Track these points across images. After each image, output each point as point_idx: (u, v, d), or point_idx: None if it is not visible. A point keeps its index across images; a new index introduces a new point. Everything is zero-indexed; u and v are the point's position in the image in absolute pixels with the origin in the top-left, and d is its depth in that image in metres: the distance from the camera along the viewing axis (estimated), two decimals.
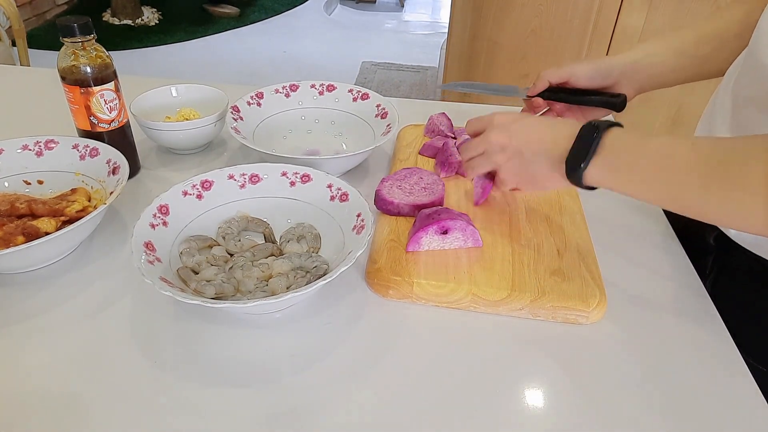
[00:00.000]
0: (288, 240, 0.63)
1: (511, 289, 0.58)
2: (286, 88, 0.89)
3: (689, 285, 0.64)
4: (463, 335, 0.57)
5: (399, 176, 0.73)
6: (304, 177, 0.67)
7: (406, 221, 0.68)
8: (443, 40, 2.83)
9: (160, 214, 0.60)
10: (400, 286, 0.59)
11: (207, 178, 0.65)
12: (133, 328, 0.56)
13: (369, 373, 0.52)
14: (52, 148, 0.72)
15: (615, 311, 0.59)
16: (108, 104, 0.72)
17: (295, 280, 0.57)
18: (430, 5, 4.87)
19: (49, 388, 0.49)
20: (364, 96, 0.89)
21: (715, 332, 0.58)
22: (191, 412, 0.48)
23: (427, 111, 0.91)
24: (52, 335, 0.55)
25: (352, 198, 0.63)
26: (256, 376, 0.52)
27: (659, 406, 0.50)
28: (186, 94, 0.89)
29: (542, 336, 0.57)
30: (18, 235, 0.60)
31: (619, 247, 0.69)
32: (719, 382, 0.53)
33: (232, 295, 0.57)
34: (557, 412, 0.50)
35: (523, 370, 0.53)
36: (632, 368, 0.54)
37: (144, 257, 0.54)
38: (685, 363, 0.54)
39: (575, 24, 1.67)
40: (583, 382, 0.52)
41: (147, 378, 0.51)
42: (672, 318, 0.59)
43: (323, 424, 0.48)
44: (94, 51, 0.70)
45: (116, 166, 0.68)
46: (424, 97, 3.14)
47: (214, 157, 0.86)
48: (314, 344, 0.55)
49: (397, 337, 0.56)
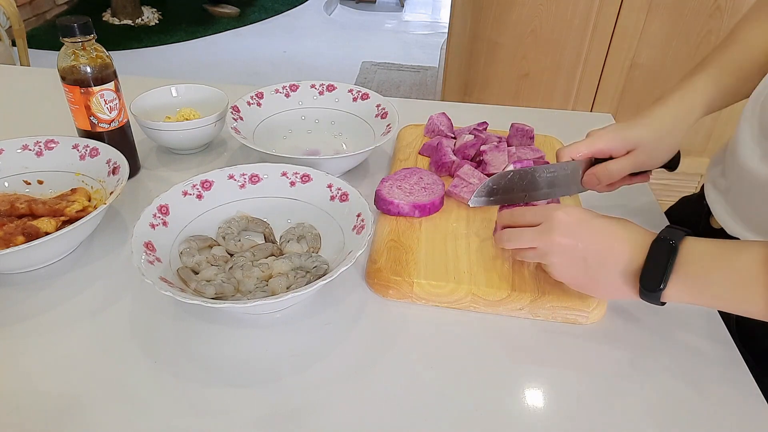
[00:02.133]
0: (288, 240, 0.63)
1: (511, 289, 0.58)
2: (286, 88, 0.89)
3: None
4: (463, 335, 0.57)
5: (399, 176, 0.73)
6: (304, 177, 0.67)
7: (406, 221, 0.68)
8: (443, 40, 2.83)
9: (160, 214, 0.60)
10: (400, 286, 0.59)
11: (207, 178, 0.65)
12: (133, 328, 0.56)
13: (369, 373, 0.52)
14: (52, 148, 0.72)
15: (615, 311, 0.59)
16: (108, 104, 0.72)
17: (295, 280, 0.57)
18: (430, 5, 4.87)
19: (49, 388, 0.49)
20: (364, 96, 0.89)
21: (715, 332, 0.58)
22: (191, 412, 0.48)
23: (427, 111, 0.91)
24: (52, 335, 0.55)
25: (352, 198, 0.63)
26: (256, 376, 0.52)
27: (659, 407, 0.50)
28: (186, 94, 0.89)
29: (542, 336, 0.57)
30: (18, 235, 0.60)
31: None
32: (720, 383, 0.53)
33: (232, 295, 0.57)
34: (557, 412, 0.50)
35: (522, 370, 0.53)
36: (632, 368, 0.54)
37: (144, 257, 0.54)
38: (685, 363, 0.54)
39: (575, 24, 1.67)
40: (583, 382, 0.52)
41: (147, 378, 0.51)
42: (672, 318, 0.59)
43: (323, 424, 0.48)
44: (94, 51, 0.70)
45: (116, 166, 0.68)
46: (424, 97, 3.14)
47: (214, 157, 0.86)
48: (314, 344, 0.55)
49: (397, 337, 0.56)
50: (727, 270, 0.46)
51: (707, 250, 0.48)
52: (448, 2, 2.28)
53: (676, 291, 0.48)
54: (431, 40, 3.98)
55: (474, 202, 0.65)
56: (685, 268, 0.48)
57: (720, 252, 0.47)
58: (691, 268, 0.47)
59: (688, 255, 0.48)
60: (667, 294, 0.49)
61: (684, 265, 0.48)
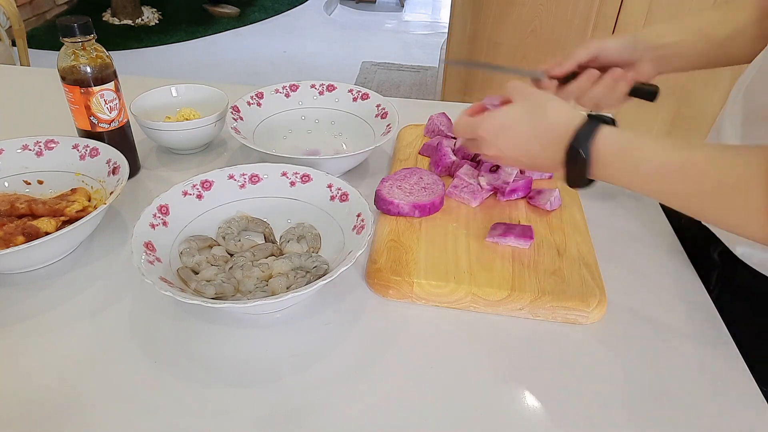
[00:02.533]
0: (288, 240, 0.63)
1: (511, 289, 0.58)
2: (286, 88, 0.89)
3: (690, 286, 0.64)
4: (463, 335, 0.57)
5: (399, 176, 0.73)
6: (304, 177, 0.67)
7: (406, 221, 0.68)
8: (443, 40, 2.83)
9: (160, 214, 0.60)
10: (400, 286, 0.59)
11: (207, 178, 0.65)
12: (133, 328, 0.56)
13: (369, 373, 0.52)
14: (52, 148, 0.72)
15: (615, 311, 0.59)
16: (108, 104, 0.72)
17: (295, 280, 0.57)
18: (430, 5, 4.87)
19: (48, 388, 0.49)
20: (364, 96, 0.89)
21: (715, 332, 0.58)
22: (191, 412, 0.48)
23: (427, 111, 0.91)
24: (52, 335, 0.55)
25: (352, 198, 0.63)
26: (256, 376, 0.52)
27: (659, 407, 0.50)
28: (186, 94, 0.89)
29: (542, 336, 0.57)
30: (18, 235, 0.60)
31: (620, 248, 0.69)
32: (720, 383, 0.53)
33: (232, 295, 0.57)
34: (557, 411, 0.50)
35: (522, 370, 0.53)
36: (632, 368, 0.54)
37: (144, 257, 0.54)
38: (685, 363, 0.54)
39: (575, 24, 1.67)
40: (583, 382, 0.52)
41: (147, 378, 0.51)
42: (672, 318, 0.59)
43: (323, 424, 0.48)
44: (94, 51, 0.70)
45: (116, 166, 0.68)
46: (424, 97, 3.14)
47: (214, 157, 0.86)
48: (314, 344, 0.55)
49: (397, 337, 0.56)
50: (650, 169, 0.47)
51: (622, 144, 0.49)
52: (448, 2, 2.28)
53: (605, 179, 0.51)
54: (431, 40, 3.98)
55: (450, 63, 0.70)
56: (603, 168, 0.50)
57: (638, 148, 0.48)
58: (608, 163, 0.49)
59: (605, 148, 0.49)
60: (599, 179, 0.51)
61: (600, 166, 0.49)
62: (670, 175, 0.46)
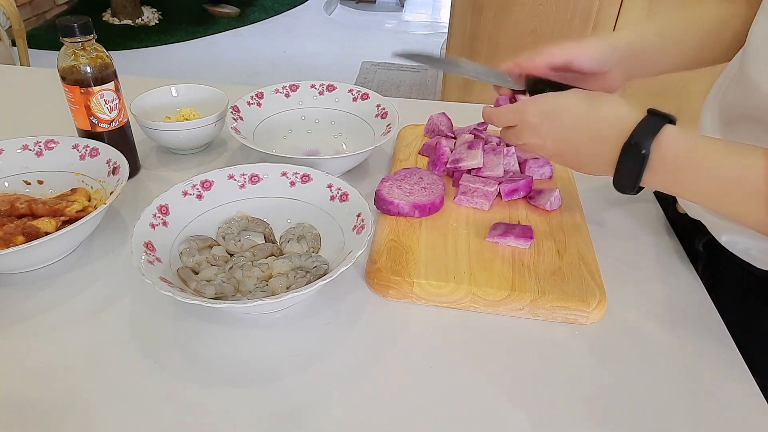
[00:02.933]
0: (288, 240, 0.63)
1: (511, 289, 0.58)
2: (286, 88, 0.89)
3: (689, 285, 0.64)
4: (463, 335, 0.57)
5: (399, 176, 0.73)
6: (304, 177, 0.67)
7: (406, 221, 0.68)
8: (443, 40, 2.83)
9: (160, 214, 0.60)
10: (400, 286, 0.59)
11: (207, 178, 0.65)
12: (133, 328, 0.56)
13: (369, 373, 0.52)
14: (52, 148, 0.72)
15: (615, 311, 0.60)
16: (108, 104, 0.72)
17: (295, 280, 0.57)
18: (430, 5, 4.87)
19: (49, 388, 0.49)
20: (364, 96, 0.89)
21: (715, 332, 0.58)
22: (191, 412, 0.48)
23: (427, 111, 0.91)
24: (52, 335, 0.55)
25: (352, 198, 0.63)
26: (256, 376, 0.52)
27: (659, 406, 0.50)
28: (186, 94, 0.89)
29: (542, 336, 0.57)
30: (18, 235, 0.60)
31: (619, 248, 0.69)
32: (719, 382, 0.53)
33: (232, 295, 0.57)
34: (557, 412, 0.50)
35: (522, 370, 0.53)
36: (632, 368, 0.54)
37: (144, 257, 0.54)
38: (685, 363, 0.54)
39: (575, 24, 1.68)
40: (583, 382, 0.52)
41: (147, 378, 0.51)
42: (672, 318, 0.59)
43: (323, 424, 0.48)
44: (94, 51, 0.70)
45: (116, 166, 0.68)
46: (424, 97, 3.14)
47: (214, 157, 0.86)
48: (314, 344, 0.55)
49: (397, 337, 0.56)
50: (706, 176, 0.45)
51: (687, 145, 0.46)
52: (448, 2, 2.28)
53: (654, 186, 0.48)
54: (431, 40, 3.98)
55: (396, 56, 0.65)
56: (660, 172, 0.47)
57: (700, 155, 0.46)
58: (666, 173, 0.46)
59: (662, 158, 0.46)
60: (648, 186, 0.49)
61: (659, 169, 0.47)
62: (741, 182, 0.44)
